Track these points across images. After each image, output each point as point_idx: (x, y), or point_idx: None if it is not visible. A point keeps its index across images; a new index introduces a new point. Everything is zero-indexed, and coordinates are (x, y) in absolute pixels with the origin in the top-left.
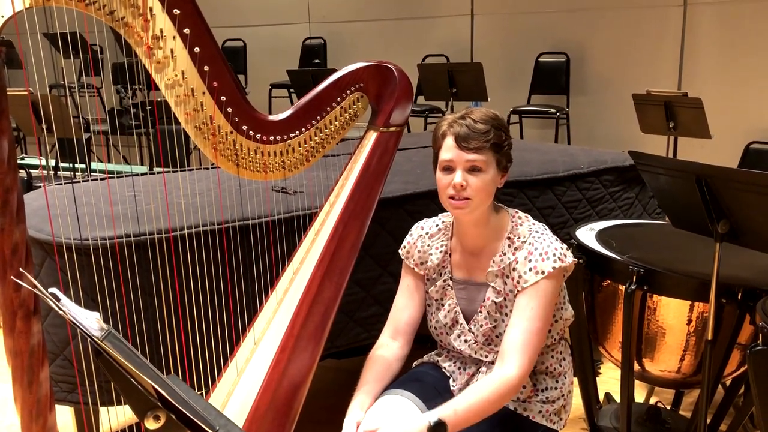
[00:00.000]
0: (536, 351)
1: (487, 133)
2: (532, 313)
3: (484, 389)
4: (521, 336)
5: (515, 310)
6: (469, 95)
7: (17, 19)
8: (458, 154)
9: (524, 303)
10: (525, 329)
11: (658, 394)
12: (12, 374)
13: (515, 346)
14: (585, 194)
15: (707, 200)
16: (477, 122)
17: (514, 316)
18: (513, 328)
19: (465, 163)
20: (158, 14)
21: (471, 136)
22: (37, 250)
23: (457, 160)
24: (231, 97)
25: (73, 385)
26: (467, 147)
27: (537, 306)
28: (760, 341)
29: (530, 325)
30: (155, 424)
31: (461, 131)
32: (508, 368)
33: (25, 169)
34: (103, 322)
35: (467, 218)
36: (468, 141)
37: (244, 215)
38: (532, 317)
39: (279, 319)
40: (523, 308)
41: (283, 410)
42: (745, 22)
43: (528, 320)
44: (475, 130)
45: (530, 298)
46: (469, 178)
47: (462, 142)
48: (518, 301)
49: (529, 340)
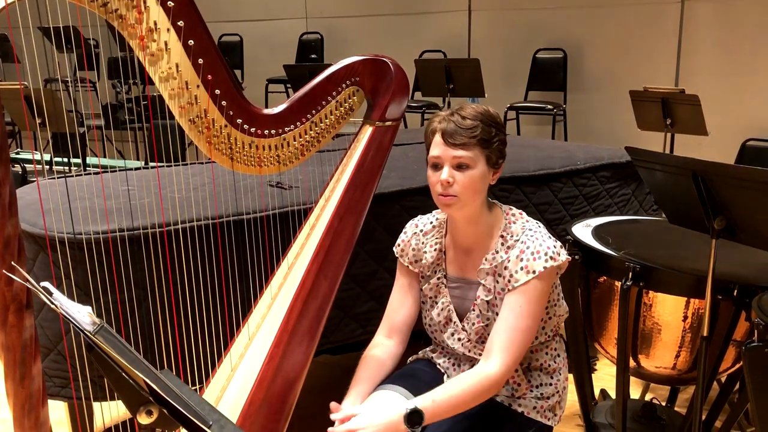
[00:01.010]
0: (522, 349)
1: (473, 129)
2: (520, 311)
3: (465, 383)
4: (507, 334)
5: (504, 307)
6: (466, 91)
7: (12, 13)
8: (445, 151)
9: (513, 301)
10: (511, 327)
11: (653, 391)
12: (4, 369)
13: (500, 344)
14: (581, 190)
15: (704, 196)
16: (465, 118)
17: (502, 313)
18: (500, 325)
19: (452, 159)
20: (152, 6)
21: (457, 132)
22: (30, 245)
23: (444, 156)
24: (225, 90)
25: (66, 380)
26: (453, 143)
27: (526, 304)
28: (755, 338)
29: (517, 323)
30: (148, 419)
31: (448, 127)
32: (491, 365)
33: (19, 163)
34: (95, 316)
35: (458, 215)
36: (454, 137)
37: (238, 210)
38: (520, 315)
39: (273, 314)
40: (511, 306)
41: (277, 405)
42: (743, 19)
43: (516, 318)
44: (461, 126)
45: (520, 296)
46: (456, 174)
47: (448, 138)
48: (507, 298)
49: (515, 338)
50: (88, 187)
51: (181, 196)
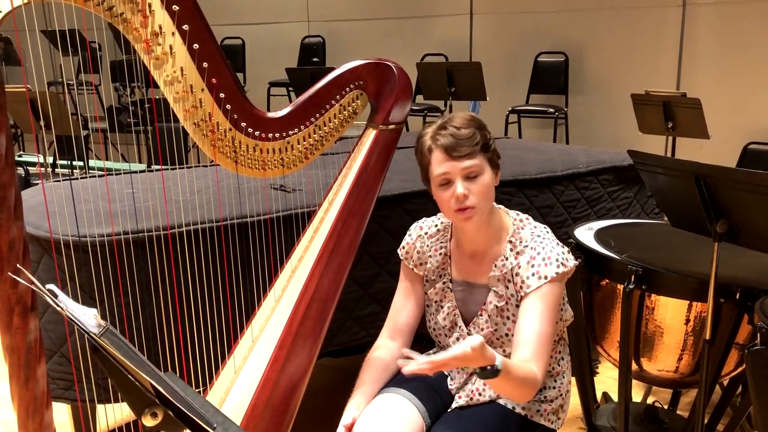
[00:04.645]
0: (549, 355)
1: (473, 137)
2: (542, 316)
3: (526, 371)
4: (538, 342)
5: (526, 313)
6: (468, 94)
7: (15, 15)
8: (452, 165)
9: (534, 306)
10: (539, 333)
11: (655, 394)
12: (9, 371)
13: (534, 352)
14: (583, 194)
15: (706, 200)
16: (460, 128)
17: (525, 319)
18: (527, 333)
19: (461, 171)
20: (157, 10)
21: (459, 143)
22: (35, 247)
23: (453, 171)
24: (230, 93)
25: (70, 382)
26: (459, 156)
27: (546, 310)
28: (758, 341)
29: (543, 329)
30: (153, 422)
31: (448, 142)
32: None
33: (23, 166)
34: (100, 319)
35: (472, 227)
36: (458, 149)
37: (242, 213)
38: (542, 321)
39: (277, 316)
40: (534, 312)
41: (280, 408)
42: (744, 23)
43: (540, 324)
44: (461, 137)
45: (539, 302)
46: (469, 185)
47: (452, 152)
48: (525, 305)
49: (545, 345)
50: (92, 190)
51: (185, 198)
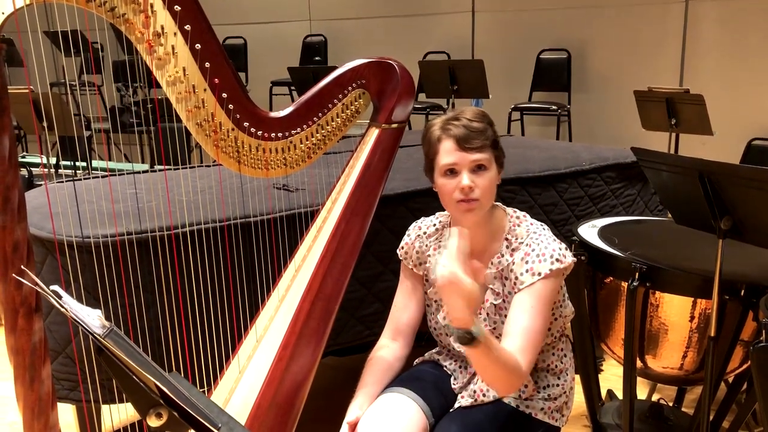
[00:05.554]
0: (537, 350)
1: (485, 131)
2: (531, 311)
3: (509, 357)
4: (524, 336)
5: (515, 308)
6: (471, 92)
7: (18, 17)
8: (461, 156)
9: (523, 301)
10: (526, 328)
11: (660, 391)
12: (14, 372)
13: (518, 346)
14: (587, 191)
15: (710, 196)
16: (473, 121)
17: (513, 314)
18: (514, 327)
19: (470, 163)
20: (159, 11)
21: (471, 135)
22: (38, 248)
23: (461, 162)
24: (232, 93)
25: (75, 383)
26: (470, 147)
27: (537, 304)
28: (763, 338)
29: (531, 324)
30: (157, 422)
31: (460, 133)
32: None
33: (26, 167)
34: (104, 320)
35: (474, 219)
36: (469, 141)
37: (245, 212)
38: (531, 316)
39: (281, 316)
40: (523, 307)
41: (285, 407)
42: (747, 19)
43: (529, 319)
44: (474, 130)
45: (529, 296)
46: (475, 178)
47: (464, 143)
48: (516, 300)
49: (532, 339)
50: (95, 191)
51: (188, 198)
